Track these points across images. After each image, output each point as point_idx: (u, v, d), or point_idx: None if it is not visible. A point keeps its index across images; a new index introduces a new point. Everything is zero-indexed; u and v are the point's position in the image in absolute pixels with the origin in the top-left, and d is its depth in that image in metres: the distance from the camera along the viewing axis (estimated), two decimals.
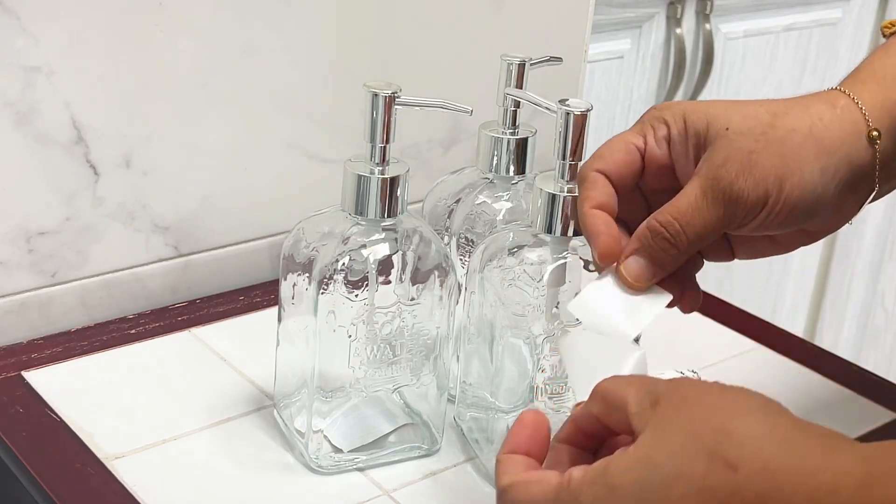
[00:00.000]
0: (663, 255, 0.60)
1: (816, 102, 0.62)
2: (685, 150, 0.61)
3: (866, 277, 1.91)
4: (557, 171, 0.66)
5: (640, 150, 0.62)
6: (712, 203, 0.59)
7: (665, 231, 0.60)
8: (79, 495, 0.66)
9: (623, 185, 0.62)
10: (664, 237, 0.60)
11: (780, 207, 0.59)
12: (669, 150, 0.62)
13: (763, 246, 0.65)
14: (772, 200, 0.59)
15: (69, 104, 0.79)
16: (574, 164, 0.65)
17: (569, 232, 0.66)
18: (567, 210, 0.65)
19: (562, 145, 0.65)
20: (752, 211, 0.59)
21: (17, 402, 0.74)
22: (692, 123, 0.61)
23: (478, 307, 0.69)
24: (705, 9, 1.48)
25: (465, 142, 1.00)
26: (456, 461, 0.72)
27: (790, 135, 0.59)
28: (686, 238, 0.60)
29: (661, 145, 0.62)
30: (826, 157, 0.60)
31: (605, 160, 0.62)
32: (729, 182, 0.59)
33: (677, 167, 0.62)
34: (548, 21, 1.02)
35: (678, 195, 0.60)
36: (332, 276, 0.65)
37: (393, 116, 0.65)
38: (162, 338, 0.84)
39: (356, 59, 0.92)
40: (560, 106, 0.64)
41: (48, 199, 0.81)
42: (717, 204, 0.59)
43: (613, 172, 0.62)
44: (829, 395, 0.83)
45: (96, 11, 0.78)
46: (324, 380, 0.68)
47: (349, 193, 0.67)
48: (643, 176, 0.63)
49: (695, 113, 0.61)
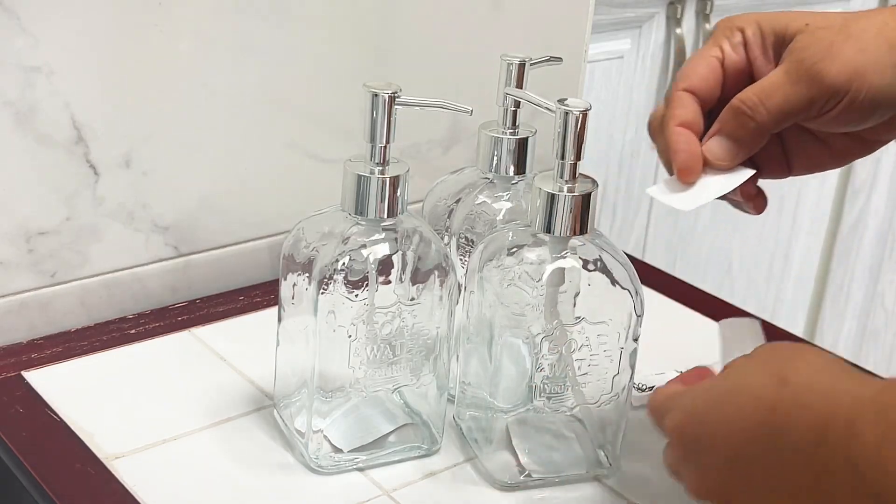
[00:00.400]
0: (743, 131, 0.63)
1: (880, 11, 0.65)
2: (763, 50, 0.65)
3: (866, 277, 1.91)
4: (556, 171, 0.66)
5: (719, 61, 0.66)
6: (796, 81, 0.63)
7: (744, 105, 0.63)
8: (79, 495, 0.66)
9: (710, 99, 0.66)
10: (742, 111, 0.63)
11: (862, 97, 0.63)
12: (747, 54, 0.66)
13: (821, 158, 0.68)
14: (854, 87, 0.62)
15: (69, 104, 0.79)
16: (574, 164, 0.65)
17: (568, 231, 0.66)
18: (567, 209, 0.65)
19: (560, 145, 0.65)
20: (834, 96, 0.63)
21: (17, 402, 0.74)
22: (769, 24, 0.65)
23: (477, 307, 0.69)
24: (705, 9, 1.48)
25: (465, 142, 1.00)
26: (456, 461, 0.72)
27: (864, 33, 0.63)
28: (765, 110, 0.63)
29: (737, 50, 0.66)
30: (894, 53, 0.63)
31: (689, 78, 0.66)
32: (813, 63, 0.62)
33: (755, 69, 0.66)
34: (548, 21, 1.02)
35: (762, 79, 0.64)
36: (332, 276, 0.65)
37: (393, 116, 0.65)
38: (162, 338, 0.84)
39: (356, 59, 0.92)
40: (559, 105, 0.64)
41: (48, 199, 0.81)
42: (800, 82, 0.62)
43: (699, 88, 0.66)
44: None
45: (96, 11, 0.78)
46: (324, 380, 0.68)
47: (349, 193, 0.67)
48: (723, 86, 0.66)
49: (769, 17, 0.66)
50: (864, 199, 1.82)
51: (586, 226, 0.66)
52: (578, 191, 0.65)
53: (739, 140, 0.64)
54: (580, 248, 0.66)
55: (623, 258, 0.67)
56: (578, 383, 0.68)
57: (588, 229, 0.66)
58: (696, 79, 0.66)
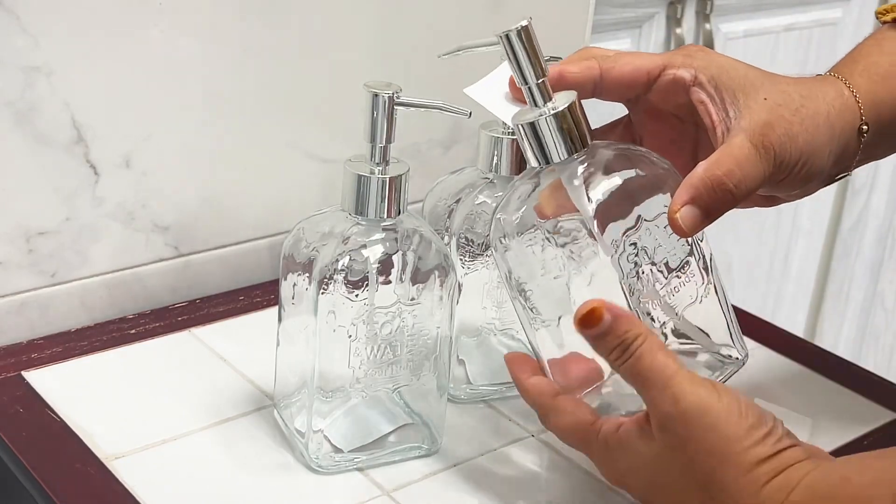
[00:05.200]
0: (719, 205, 0.62)
1: (828, 89, 0.67)
2: (714, 99, 0.65)
3: (866, 277, 1.91)
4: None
5: (651, 75, 0.67)
6: (764, 159, 0.63)
7: (728, 182, 0.62)
8: (79, 495, 0.66)
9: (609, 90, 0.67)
10: (727, 189, 0.62)
11: (803, 174, 0.65)
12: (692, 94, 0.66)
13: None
14: (799, 167, 0.64)
15: (69, 104, 0.79)
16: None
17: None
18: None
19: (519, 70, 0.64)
20: (788, 172, 0.64)
21: (17, 402, 0.74)
22: (726, 80, 0.65)
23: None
24: (705, 9, 1.48)
25: (465, 142, 1.00)
26: (456, 461, 0.72)
27: (816, 117, 0.65)
28: (745, 188, 0.62)
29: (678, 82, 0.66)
30: (834, 142, 0.66)
31: (614, 64, 0.67)
32: (776, 141, 0.63)
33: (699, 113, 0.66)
34: (548, 21, 1.02)
35: (726, 147, 0.63)
36: (332, 276, 0.65)
37: (393, 116, 0.65)
38: (162, 338, 0.84)
39: (356, 59, 0.92)
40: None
41: (48, 199, 0.81)
42: (767, 160, 0.63)
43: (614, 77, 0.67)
44: (829, 395, 0.83)
45: (96, 11, 0.78)
46: (324, 380, 0.68)
47: (349, 193, 0.67)
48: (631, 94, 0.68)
49: (725, 72, 0.65)
50: (864, 199, 1.82)
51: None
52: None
53: (713, 212, 0.62)
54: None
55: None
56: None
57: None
58: (618, 71, 0.67)
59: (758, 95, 0.64)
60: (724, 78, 0.65)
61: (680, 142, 0.69)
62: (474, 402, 0.78)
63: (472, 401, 0.78)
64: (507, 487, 0.70)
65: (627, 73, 0.66)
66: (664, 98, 0.67)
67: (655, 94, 0.67)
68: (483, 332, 0.78)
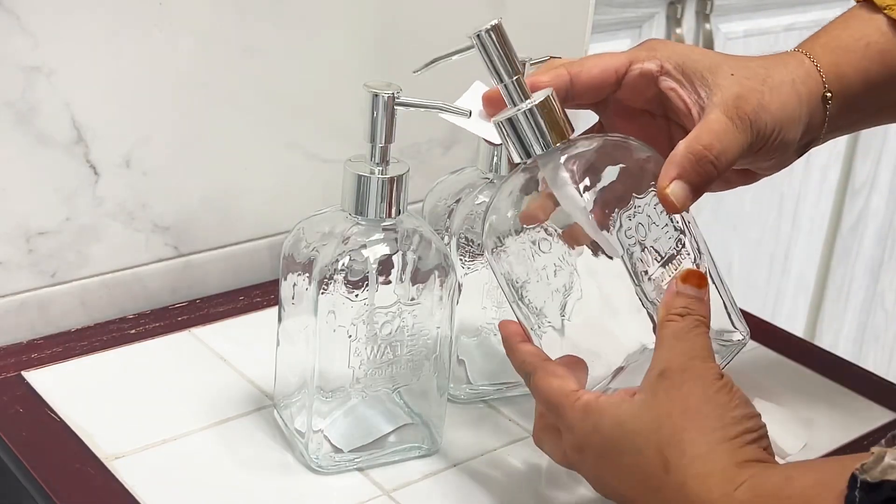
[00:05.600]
0: (704, 178, 0.63)
1: (789, 60, 0.69)
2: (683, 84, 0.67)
3: (866, 277, 1.92)
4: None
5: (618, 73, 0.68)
6: (741, 129, 0.64)
7: (709, 154, 0.63)
8: (79, 495, 0.66)
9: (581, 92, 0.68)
10: (709, 161, 0.63)
11: (777, 143, 0.66)
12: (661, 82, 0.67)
13: (717, 184, 0.70)
14: (775, 136, 0.66)
15: (69, 104, 0.79)
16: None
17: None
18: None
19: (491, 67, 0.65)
20: (764, 141, 0.65)
21: (17, 402, 0.74)
22: (691, 63, 0.67)
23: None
24: (705, 9, 1.48)
25: (465, 142, 1.00)
26: (456, 461, 0.72)
27: (782, 86, 0.67)
28: (726, 160, 0.64)
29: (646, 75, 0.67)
30: (802, 108, 0.67)
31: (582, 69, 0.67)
32: (750, 112, 0.64)
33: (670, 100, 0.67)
34: (548, 21, 1.02)
35: (703, 123, 0.64)
36: (332, 276, 0.65)
37: (393, 116, 0.65)
38: (162, 338, 0.84)
39: (356, 59, 0.92)
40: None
41: (48, 199, 0.81)
42: (745, 130, 0.64)
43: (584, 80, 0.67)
44: (829, 395, 0.83)
45: (96, 11, 0.78)
46: (324, 380, 0.68)
47: (349, 193, 0.67)
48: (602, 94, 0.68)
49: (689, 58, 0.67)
50: (864, 199, 1.82)
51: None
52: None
53: (699, 186, 0.63)
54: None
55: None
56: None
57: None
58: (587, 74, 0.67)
59: (724, 72, 0.66)
60: (689, 63, 0.67)
61: (654, 138, 0.69)
62: (474, 402, 0.78)
63: (471, 401, 0.78)
64: (507, 487, 0.70)
65: (597, 75, 0.67)
66: (634, 94, 0.69)
67: (625, 91, 0.68)
68: (483, 332, 0.78)
